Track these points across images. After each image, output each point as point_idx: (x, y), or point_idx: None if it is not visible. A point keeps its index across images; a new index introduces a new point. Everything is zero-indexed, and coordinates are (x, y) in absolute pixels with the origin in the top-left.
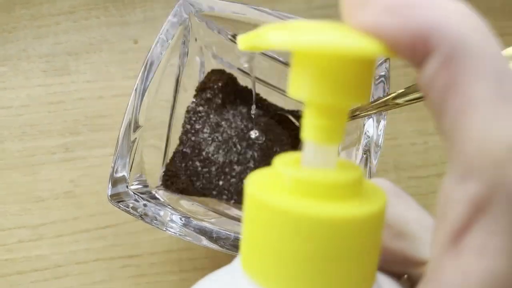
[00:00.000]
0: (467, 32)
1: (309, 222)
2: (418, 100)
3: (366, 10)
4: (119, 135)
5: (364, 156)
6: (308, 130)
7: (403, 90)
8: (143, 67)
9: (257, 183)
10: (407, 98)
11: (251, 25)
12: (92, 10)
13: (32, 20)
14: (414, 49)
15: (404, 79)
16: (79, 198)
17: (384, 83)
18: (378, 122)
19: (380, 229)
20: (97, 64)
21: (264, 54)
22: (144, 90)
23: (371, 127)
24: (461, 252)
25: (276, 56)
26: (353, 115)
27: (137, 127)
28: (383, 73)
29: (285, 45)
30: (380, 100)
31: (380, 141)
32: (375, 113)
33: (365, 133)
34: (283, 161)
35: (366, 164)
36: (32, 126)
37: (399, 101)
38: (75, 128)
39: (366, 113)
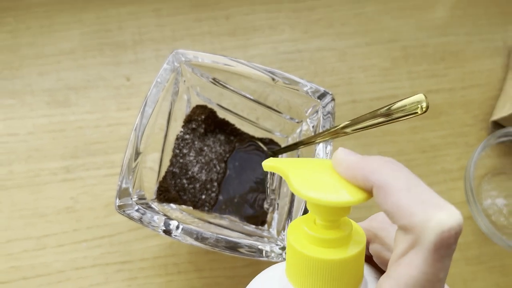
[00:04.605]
0: (386, 173)
1: (318, 262)
2: (362, 129)
3: (339, 167)
4: (122, 165)
5: None
6: (319, 227)
7: (349, 121)
8: (143, 104)
9: (292, 234)
10: (353, 128)
11: (228, 72)
12: (89, 51)
13: (36, 59)
14: (367, 182)
15: (351, 112)
16: (78, 213)
17: (330, 117)
18: (326, 147)
19: (362, 257)
20: (94, 98)
21: (236, 92)
22: (144, 124)
23: (321, 150)
24: (400, 264)
25: (248, 95)
26: (310, 142)
27: (137, 155)
28: (329, 110)
29: (300, 196)
30: (331, 130)
31: None
32: (328, 140)
33: (316, 156)
34: (307, 219)
35: None
36: (37, 150)
37: (347, 130)
38: (75, 153)
39: (321, 140)
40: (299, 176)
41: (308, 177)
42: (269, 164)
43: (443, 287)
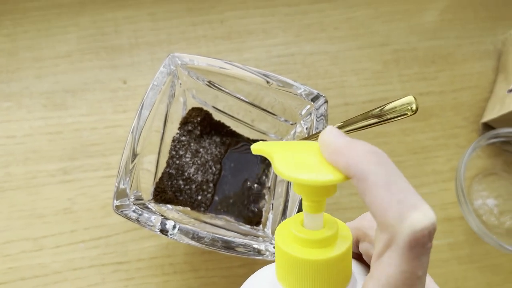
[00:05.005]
0: (368, 166)
1: (305, 262)
2: (354, 130)
3: (325, 152)
4: (120, 166)
5: None
6: (305, 207)
7: (342, 122)
8: (140, 107)
9: (280, 236)
10: (345, 129)
11: (223, 75)
12: (86, 54)
13: (34, 62)
14: (348, 172)
15: (344, 115)
16: (75, 214)
17: (323, 119)
18: None
19: (349, 256)
20: (91, 100)
21: (231, 94)
22: (141, 126)
23: None
24: (381, 263)
25: (243, 98)
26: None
27: (135, 156)
28: (322, 112)
29: (284, 177)
30: None
31: None
32: None
33: None
34: (294, 221)
35: None
36: (34, 152)
37: None
38: (72, 155)
39: (314, 141)
40: (284, 158)
41: (292, 159)
42: (256, 147)
43: (423, 284)
